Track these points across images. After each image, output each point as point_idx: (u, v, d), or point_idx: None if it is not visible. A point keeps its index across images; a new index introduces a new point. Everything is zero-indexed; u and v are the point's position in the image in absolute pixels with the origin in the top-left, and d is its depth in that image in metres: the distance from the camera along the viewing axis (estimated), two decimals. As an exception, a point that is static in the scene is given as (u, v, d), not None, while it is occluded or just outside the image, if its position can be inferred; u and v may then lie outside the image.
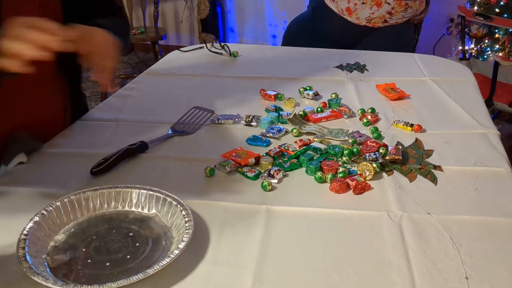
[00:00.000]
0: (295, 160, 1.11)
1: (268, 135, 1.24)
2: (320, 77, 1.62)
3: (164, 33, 3.70)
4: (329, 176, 1.04)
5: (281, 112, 1.33)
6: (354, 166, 1.08)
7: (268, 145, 1.19)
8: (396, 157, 1.10)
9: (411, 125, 1.25)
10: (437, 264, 0.82)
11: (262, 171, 1.07)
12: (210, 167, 1.07)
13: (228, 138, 1.23)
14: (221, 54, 1.82)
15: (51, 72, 1.22)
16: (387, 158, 1.10)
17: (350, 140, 1.18)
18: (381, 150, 1.11)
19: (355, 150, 1.11)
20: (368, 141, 1.16)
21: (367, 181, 1.03)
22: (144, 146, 1.16)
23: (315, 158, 1.11)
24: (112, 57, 1.11)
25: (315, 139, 1.19)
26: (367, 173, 1.05)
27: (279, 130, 1.25)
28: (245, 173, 1.07)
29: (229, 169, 1.08)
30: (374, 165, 1.05)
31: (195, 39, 4.28)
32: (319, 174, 1.04)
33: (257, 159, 1.11)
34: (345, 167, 1.07)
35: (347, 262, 0.83)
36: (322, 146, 1.16)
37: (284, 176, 1.07)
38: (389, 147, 1.14)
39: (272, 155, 1.12)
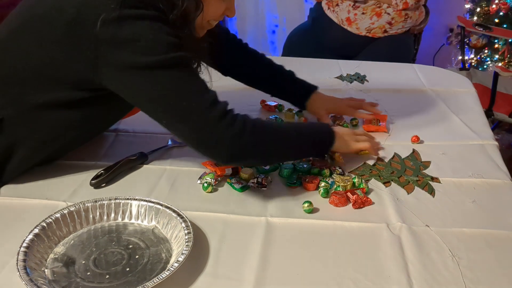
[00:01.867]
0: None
1: None
2: (320, 88, 1.62)
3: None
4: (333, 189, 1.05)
5: None
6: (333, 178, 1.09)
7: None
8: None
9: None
10: (436, 277, 0.82)
11: (248, 182, 1.07)
12: (204, 183, 1.06)
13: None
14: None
15: None
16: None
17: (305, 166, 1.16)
18: None
19: (316, 171, 1.12)
20: None
21: (367, 196, 1.03)
22: (143, 157, 1.17)
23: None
24: None
25: None
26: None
27: None
28: (233, 184, 1.07)
29: (213, 181, 1.07)
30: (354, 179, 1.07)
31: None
32: (323, 187, 1.03)
33: (235, 169, 1.11)
34: (326, 181, 1.07)
35: (347, 274, 0.83)
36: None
37: (271, 181, 1.08)
38: None
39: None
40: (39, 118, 1.01)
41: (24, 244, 0.85)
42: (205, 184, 1.06)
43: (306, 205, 0.99)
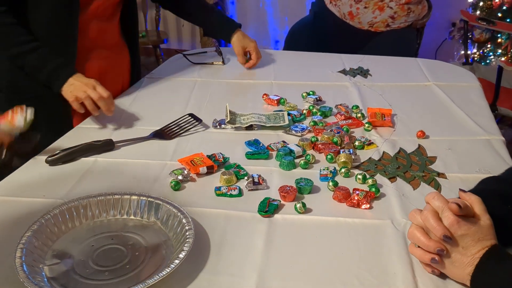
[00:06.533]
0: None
1: (291, 132, 1.26)
2: (323, 82, 1.61)
3: (166, 37, 3.69)
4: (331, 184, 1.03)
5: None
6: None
7: (268, 158, 1.15)
8: None
9: (369, 143, 1.21)
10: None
11: (246, 183, 1.03)
12: (175, 181, 1.04)
13: (227, 142, 1.22)
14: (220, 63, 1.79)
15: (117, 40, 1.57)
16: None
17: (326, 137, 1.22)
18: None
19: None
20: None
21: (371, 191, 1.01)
22: (109, 144, 1.17)
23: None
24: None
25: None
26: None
27: (302, 129, 1.27)
28: (227, 193, 1.01)
29: (181, 177, 1.05)
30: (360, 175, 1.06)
31: (196, 43, 4.28)
32: (298, 207, 0.96)
33: (210, 167, 1.08)
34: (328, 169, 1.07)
35: (351, 271, 0.81)
36: (297, 149, 1.15)
37: (263, 180, 1.05)
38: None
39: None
40: None
41: (22, 241, 0.83)
42: (173, 183, 1.03)
43: (298, 206, 0.96)
